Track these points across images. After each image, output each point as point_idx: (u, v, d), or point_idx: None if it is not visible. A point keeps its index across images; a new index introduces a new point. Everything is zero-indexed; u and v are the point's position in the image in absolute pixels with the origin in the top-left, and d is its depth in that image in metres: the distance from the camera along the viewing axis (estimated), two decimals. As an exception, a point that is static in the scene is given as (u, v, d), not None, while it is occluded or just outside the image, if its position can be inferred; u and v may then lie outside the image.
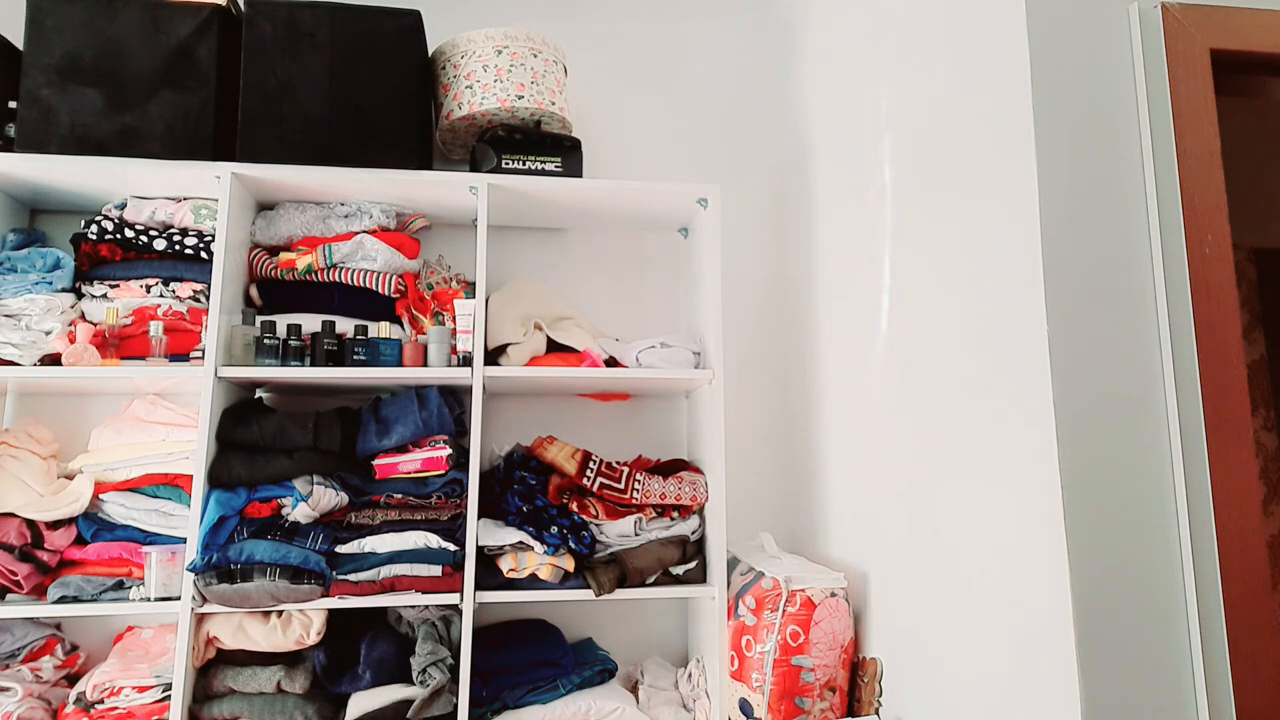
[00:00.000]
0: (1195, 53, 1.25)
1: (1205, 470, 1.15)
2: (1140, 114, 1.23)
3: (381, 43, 1.87)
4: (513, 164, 1.91)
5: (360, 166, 1.81)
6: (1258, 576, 1.14)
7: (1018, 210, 1.24)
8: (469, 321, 1.78)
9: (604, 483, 1.81)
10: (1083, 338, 1.17)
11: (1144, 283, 1.20)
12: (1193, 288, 1.19)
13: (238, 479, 1.67)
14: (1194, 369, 1.17)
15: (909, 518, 1.53)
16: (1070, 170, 1.21)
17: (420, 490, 1.77)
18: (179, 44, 1.80)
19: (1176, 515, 1.15)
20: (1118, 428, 1.16)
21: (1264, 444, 3.08)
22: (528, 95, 1.92)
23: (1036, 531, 1.17)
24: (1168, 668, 1.11)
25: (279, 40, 1.83)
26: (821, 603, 1.64)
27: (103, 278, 1.79)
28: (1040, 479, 1.16)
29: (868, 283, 1.74)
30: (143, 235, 1.80)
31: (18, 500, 1.65)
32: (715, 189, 1.94)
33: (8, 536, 1.62)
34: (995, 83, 1.31)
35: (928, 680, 1.46)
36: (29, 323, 1.70)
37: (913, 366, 1.55)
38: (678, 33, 2.36)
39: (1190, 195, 1.21)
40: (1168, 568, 1.13)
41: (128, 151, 1.75)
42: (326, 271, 1.86)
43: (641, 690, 1.85)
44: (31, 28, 1.76)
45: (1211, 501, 1.14)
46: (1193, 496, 1.14)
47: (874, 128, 1.75)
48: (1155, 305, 1.19)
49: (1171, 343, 1.17)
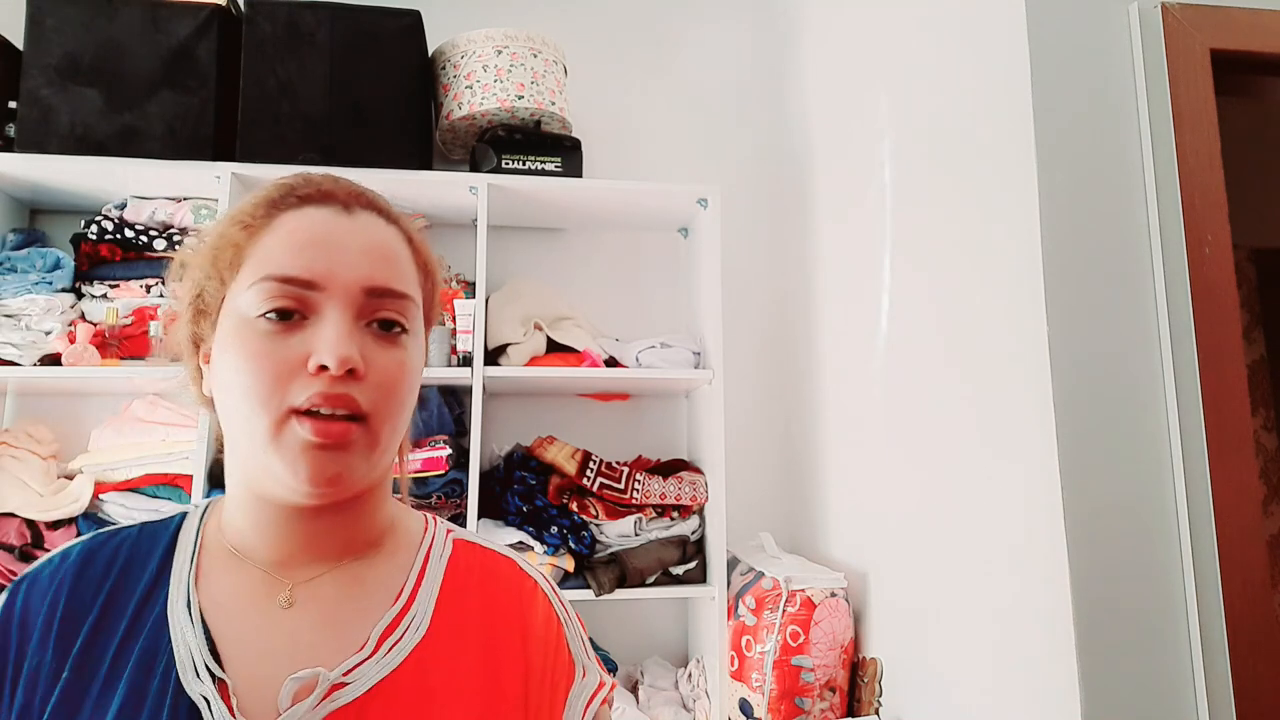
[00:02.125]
0: (1195, 53, 1.25)
1: (1205, 470, 1.15)
2: (1140, 114, 1.23)
3: (381, 43, 1.87)
4: (512, 164, 1.91)
5: (360, 166, 1.81)
6: (1258, 576, 1.14)
7: (1017, 209, 1.24)
8: (469, 321, 1.78)
9: (604, 483, 1.81)
10: (1082, 338, 1.17)
11: (1144, 283, 1.20)
12: (1193, 288, 1.19)
13: (238, 479, 1.67)
14: (1194, 369, 1.17)
15: (909, 518, 1.53)
16: (1070, 169, 1.21)
17: (420, 490, 1.77)
18: (179, 44, 1.80)
19: (1176, 515, 1.15)
20: (1118, 428, 1.16)
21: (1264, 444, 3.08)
22: (528, 95, 1.92)
23: (1036, 531, 1.17)
24: (1168, 668, 1.11)
25: (279, 40, 1.82)
26: (821, 603, 1.64)
27: (103, 278, 1.79)
28: (1040, 479, 1.16)
29: (868, 283, 1.74)
30: (143, 235, 1.80)
31: (17, 500, 1.64)
32: (715, 189, 1.94)
33: (8, 537, 1.62)
34: (995, 83, 1.31)
35: (927, 680, 1.46)
36: (29, 323, 1.70)
37: (912, 366, 1.55)
38: (678, 33, 2.36)
39: (1190, 195, 1.21)
40: (1168, 568, 1.13)
41: (128, 151, 1.75)
42: (326, 271, 1.85)
43: (641, 690, 1.85)
44: (31, 28, 1.76)
45: (1211, 501, 1.14)
46: (1193, 496, 1.14)
47: (874, 128, 1.75)
48: (1155, 305, 1.19)
49: (1171, 343, 1.17)
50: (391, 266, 0.61)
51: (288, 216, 0.60)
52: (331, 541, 0.62)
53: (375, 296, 0.59)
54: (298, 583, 0.61)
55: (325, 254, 0.58)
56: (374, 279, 0.59)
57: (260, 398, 0.55)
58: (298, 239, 0.59)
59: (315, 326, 0.57)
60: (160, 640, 0.57)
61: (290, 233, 0.59)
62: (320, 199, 0.61)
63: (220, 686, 0.55)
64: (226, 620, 0.59)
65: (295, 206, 0.60)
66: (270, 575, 0.61)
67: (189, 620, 0.58)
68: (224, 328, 0.59)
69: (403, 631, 0.60)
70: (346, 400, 0.56)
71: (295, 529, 0.61)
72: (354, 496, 0.60)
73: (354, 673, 0.57)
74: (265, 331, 0.57)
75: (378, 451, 0.58)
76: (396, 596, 0.62)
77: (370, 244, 0.60)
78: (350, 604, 0.61)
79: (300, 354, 0.56)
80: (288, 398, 0.55)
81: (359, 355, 0.56)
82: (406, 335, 0.61)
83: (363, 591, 0.62)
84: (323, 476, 0.55)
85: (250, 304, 0.57)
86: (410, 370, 0.61)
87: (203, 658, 0.56)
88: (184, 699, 0.54)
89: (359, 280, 0.58)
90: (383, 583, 0.63)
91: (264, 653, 0.58)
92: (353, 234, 0.60)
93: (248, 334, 0.57)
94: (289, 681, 0.55)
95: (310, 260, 0.58)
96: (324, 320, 0.57)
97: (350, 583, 0.62)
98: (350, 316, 0.58)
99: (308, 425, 0.55)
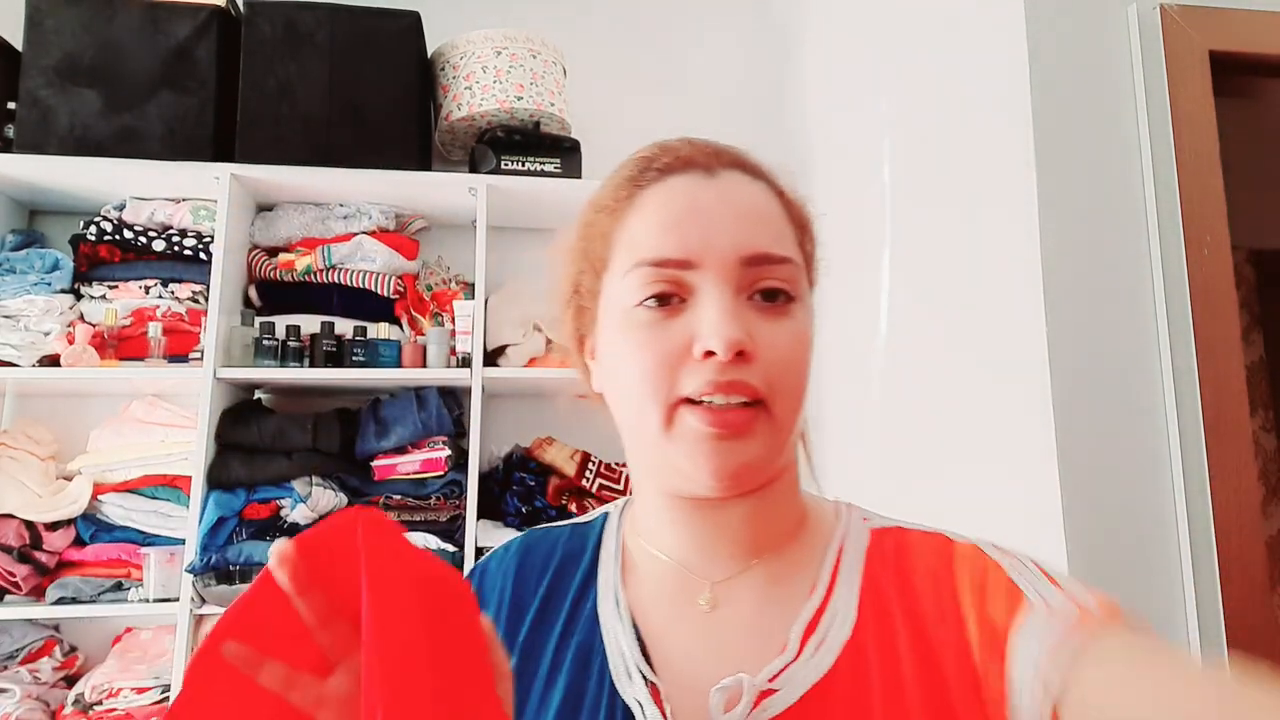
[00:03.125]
0: (1194, 54, 1.25)
1: (1204, 471, 1.15)
2: (1139, 116, 1.23)
3: (381, 44, 1.87)
4: (512, 165, 1.91)
5: (359, 167, 1.81)
6: (1257, 577, 1.14)
7: (1017, 211, 1.24)
8: (468, 322, 1.78)
9: (603, 484, 1.81)
10: (1082, 339, 1.17)
11: (1143, 284, 1.20)
12: (1191, 289, 1.19)
13: (236, 480, 1.67)
14: (1193, 370, 1.17)
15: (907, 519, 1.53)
16: (1069, 171, 1.21)
17: (419, 491, 1.77)
18: (178, 45, 1.80)
19: (1175, 516, 1.14)
20: (1117, 429, 1.16)
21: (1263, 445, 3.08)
22: (527, 96, 1.92)
23: (1035, 532, 1.17)
24: (1167, 669, 1.11)
25: (278, 41, 1.82)
26: (821, 604, 1.64)
27: (101, 279, 1.79)
28: (1039, 480, 1.16)
29: (866, 285, 1.74)
30: (141, 236, 1.80)
31: (16, 501, 1.64)
32: (714, 190, 1.94)
33: (6, 538, 1.62)
34: (994, 84, 1.31)
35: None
36: (28, 324, 1.70)
37: (911, 368, 1.55)
38: (677, 34, 2.36)
39: (1189, 197, 1.21)
40: (1167, 569, 1.13)
41: (127, 152, 1.74)
42: (325, 272, 1.85)
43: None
44: (30, 29, 1.76)
45: (1210, 502, 1.14)
46: (1192, 497, 1.14)
47: (873, 129, 1.75)
48: (1154, 307, 1.19)
49: (1170, 344, 1.17)
50: (766, 229, 0.56)
51: (650, 193, 0.56)
52: (747, 535, 0.58)
53: (754, 265, 0.54)
54: (716, 581, 0.57)
55: (695, 227, 0.54)
56: (750, 246, 0.54)
57: (648, 391, 0.52)
58: (664, 216, 0.55)
59: (696, 307, 0.53)
60: (594, 638, 0.56)
61: (656, 210, 0.55)
62: (680, 167, 0.57)
63: (652, 690, 0.53)
64: (653, 622, 0.56)
65: (656, 180, 0.57)
66: (689, 574, 0.58)
67: (619, 619, 0.57)
68: (604, 320, 0.57)
69: (826, 629, 0.55)
70: (740, 386, 0.51)
71: (706, 523, 0.57)
72: (764, 485, 0.56)
73: (780, 677, 0.52)
74: (645, 320, 0.53)
75: (783, 435, 0.54)
76: (812, 590, 0.57)
77: (740, 208, 0.55)
78: (772, 604, 0.56)
79: (685, 338, 0.52)
80: (676, 388, 0.52)
81: (747, 334, 0.51)
82: (795, 303, 0.55)
83: (783, 590, 0.57)
84: (726, 468, 0.52)
85: (627, 292, 0.54)
86: (805, 341, 0.55)
87: (635, 659, 0.54)
88: (619, 701, 0.53)
89: (735, 249, 0.53)
90: (800, 578, 0.58)
91: (690, 656, 0.55)
92: (720, 199, 0.55)
93: (628, 324, 0.54)
94: (715, 692, 0.51)
95: (681, 237, 0.54)
96: (704, 299, 0.52)
97: (770, 580, 0.57)
98: (731, 291, 0.53)
99: (703, 415, 0.51)
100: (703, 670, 0.53)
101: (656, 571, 0.59)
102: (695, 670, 0.54)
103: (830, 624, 0.55)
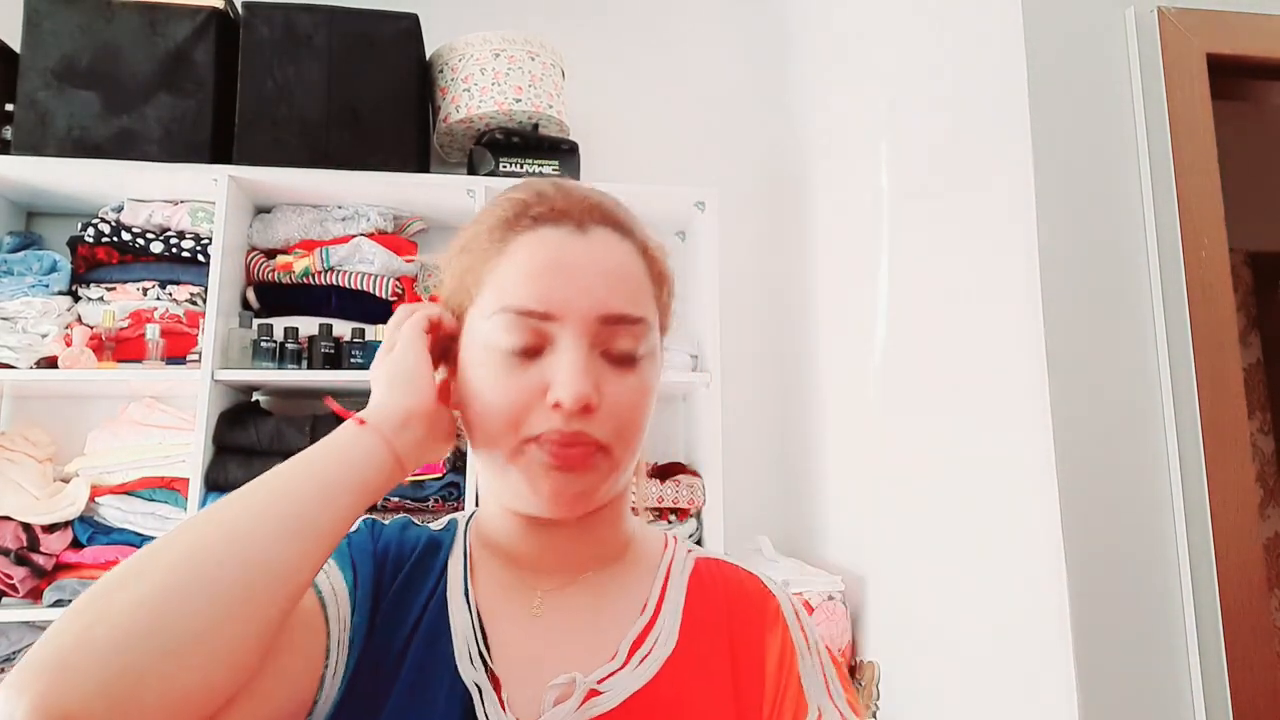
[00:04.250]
0: (1192, 57, 1.25)
1: (1202, 474, 1.15)
2: (1137, 118, 1.24)
3: (379, 46, 1.87)
4: (510, 167, 1.91)
5: (358, 169, 1.81)
6: (1255, 579, 1.14)
7: (1014, 213, 1.24)
8: (466, 324, 1.78)
9: (601, 486, 1.81)
10: (1079, 341, 1.17)
11: (1141, 287, 1.20)
12: (1189, 292, 1.19)
13: (234, 482, 1.66)
14: (1190, 373, 1.17)
15: (906, 521, 1.53)
16: (1066, 174, 1.21)
17: (417, 493, 1.76)
18: (176, 47, 1.80)
19: (1173, 519, 1.15)
20: (1115, 431, 1.16)
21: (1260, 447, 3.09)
22: (525, 98, 1.92)
23: (1033, 535, 1.17)
24: (1165, 671, 1.11)
25: (276, 43, 1.82)
26: (819, 606, 1.64)
27: (99, 280, 1.79)
28: (1037, 482, 1.16)
29: (865, 286, 1.74)
30: (139, 238, 1.80)
31: (13, 503, 1.64)
32: (713, 192, 1.94)
33: (3, 540, 1.61)
34: (991, 86, 1.32)
35: (924, 684, 1.46)
36: (25, 325, 1.70)
37: (909, 370, 1.55)
38: (676, 36, 2.36)
39: (1187, 199, 1.21)
40: (1165, 572, 1.14)
41: (125, 154, 1.74)
42: (324, 274, 1.85)
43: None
44: (28, 30, 1.76)
45: (1208, 505, 1.14)
46: (1189, 500, 1.14)
47: (871, 132, 1.75)
48: (1152, 309, 1.20)
49: (1168, 346, 1.17)
50: (625, 289, 0.60)
51: (522, 240, 0.60)
52: (575, 551, 0.64)
53: (610, 324, 0.58)
54: (547, 590, 0.64)
55: (560, 282, 0.58)
56: (608, 306, 0.58)
57: (500, 427, 0.58)
58: (532, 267, 0.58)
59: (552, 356, 0.57)
60: (442, 622, 0.61)
61: (526, 259, 0.59)
62: (554, 218, 0.60)
63: (491, 678, 0.58)
64: (493, 617, 0.62)
65: (529, 229, 0.60)
66: (523, 580, 0.64)
67: (465, 610, 0.61)
68: (467, 343, 0.62)
69: (651, 644, 0.61)
70: (583, 438, 0.57)
71: (540, 537, 0.63)
72: (596, 509, 0.62)
73: (608, 682, 0.59)
74: (504, 363, 0.58)
75: (616, 472, 0.60)
76: (642, 608, 0.64)
77: (604, 266, 0.59)
78: (596, 614, 0.63)
79: (538, 384, 0.57)
80: (525, 428, 0.57)
81: (595, 389, 0.57)
82: (643, 360, 0.60)
83: (608, 603, 0.64)
84: (562, 496, 0.58)
85: (491, 332, 0.58)
86: (647, 393, 0.61)
87: (477, 646, 0.59)
88: (460, 683, 0.58)
89: (595, 308, 0.58)
90: (626, 595, 0.65)
91: (525, 652, 0.60)
92: (587, 256, 0.59)
93: (489, 361, 0.58)
94: (550, 686, 0.57)
95: (546, 290, 0.57)
96: (561, 351, 0.57)
97: (595, 593, 0.64)
98: (586, 346, 0.57)
99: (547, 449, 0.56)
100: (537, 666, 0.59)
101: (497, 575, 0.65)
102: (529, 665, 0.59)
103: (655, 640, 0.61)
